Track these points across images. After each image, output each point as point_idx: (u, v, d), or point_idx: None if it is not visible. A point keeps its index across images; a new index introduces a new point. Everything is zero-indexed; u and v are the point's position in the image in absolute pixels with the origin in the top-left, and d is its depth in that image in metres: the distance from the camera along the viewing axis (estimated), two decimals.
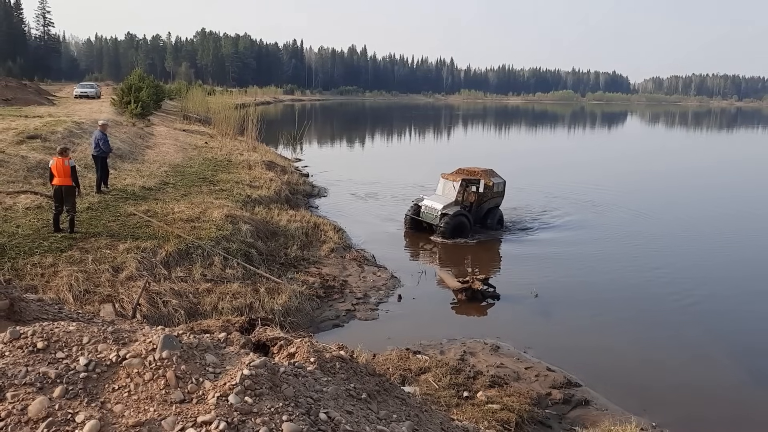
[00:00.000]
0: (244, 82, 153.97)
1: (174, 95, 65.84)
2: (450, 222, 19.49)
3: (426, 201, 20.41)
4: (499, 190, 21.16)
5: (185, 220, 15.00)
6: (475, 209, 20.56)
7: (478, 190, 20.46)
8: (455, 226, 19.59)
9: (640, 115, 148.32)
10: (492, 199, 20.94)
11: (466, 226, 19.91)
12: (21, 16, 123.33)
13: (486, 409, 8.43)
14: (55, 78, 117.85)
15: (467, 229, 19.96)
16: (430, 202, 20.23)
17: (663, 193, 30.72)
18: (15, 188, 15.23)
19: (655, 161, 45.67)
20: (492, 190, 20.76)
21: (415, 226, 20.31)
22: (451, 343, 11.41)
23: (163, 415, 2.92)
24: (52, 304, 5.31)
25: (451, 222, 19.50)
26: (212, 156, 27.89)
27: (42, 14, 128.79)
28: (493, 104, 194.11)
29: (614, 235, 21.04)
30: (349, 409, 3.59)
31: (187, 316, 10.91)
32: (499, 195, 21.20)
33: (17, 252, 11.47)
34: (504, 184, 21.30)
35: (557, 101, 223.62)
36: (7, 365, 3.11)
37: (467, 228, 19.97)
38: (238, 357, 3.51)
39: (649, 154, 50.85)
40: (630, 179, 34.60)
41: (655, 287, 15.63)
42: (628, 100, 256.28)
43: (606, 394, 9.92)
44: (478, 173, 20.89)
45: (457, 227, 19.66)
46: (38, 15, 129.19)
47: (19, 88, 47.33)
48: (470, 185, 20.55)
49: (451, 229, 19.47)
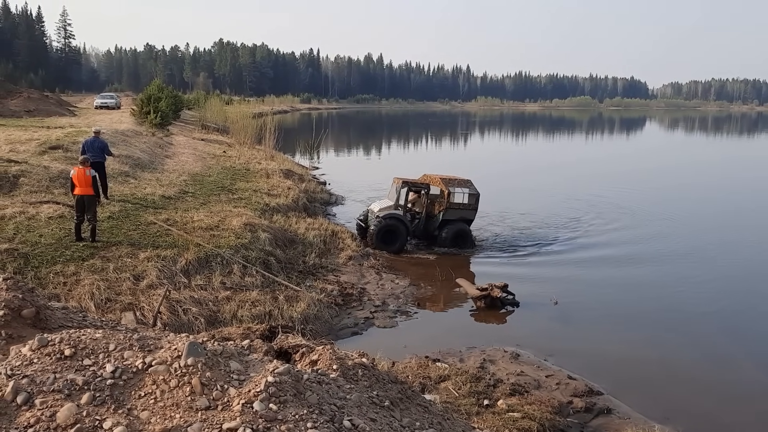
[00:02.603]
0: (262, 91, 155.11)
1: (192, 105, 66.40)
2: (378, 225, 17.81)
3: (372, 205, 19.25)
4: (464, 202, 18.82)
5: (204, 228, 15.11)
6: (424, 219, 18.85)
7: (426, 195, 18.82)
8: (385, 231, 17.89)
9: (659, 120, 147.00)
10: (450, 209, 18.67)
11: (399, 232, 18.09)
12: (43, 28, 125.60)
13: (507, 418, 8.37)
14: (76, 89, 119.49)
15: (401, 236, 18.14)
16: (374, 206, 18.95)
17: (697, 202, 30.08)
18: (38, 198, 15.44)
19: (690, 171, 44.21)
20: (449, 200, 18.61)
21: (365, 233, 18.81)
22: (471, 351, 11.35)
23: (189, 421, 2.94)
24: (76, 311, 5.37)
25: (378, 225, 17.81)
26: (230, 165, 28.09)
27: (63, 27, 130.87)
28: (509, 111, 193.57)
29: (640, 244, 20.66)
30: (372, 416, 3.59)
31: (207, 324, 10.97)
32: (462, 208, 18.84)
33: (40, 261, 11.62)
34: (476, 198, 18.98)
35: (574, 107, 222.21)
36: (35, 372, 3.15)
37: (401, 235, 18.14)
38: (262, 364, 3.53)
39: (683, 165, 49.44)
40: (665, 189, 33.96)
41: (681, 296, 15.37)
42: (647, 105, 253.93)
43: (628, 403, 9.79)
44: (436, 181, 19.07)
45: (388, 232, 17.97)
46: (59, 27, 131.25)
47: (41, 99, 48.01)
48: (416, 189, 18.95)
49: (378, 232, 17.81)
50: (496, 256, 18.61)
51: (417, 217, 19.08)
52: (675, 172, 41.72)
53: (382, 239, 17.98)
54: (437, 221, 18.79)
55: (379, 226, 17.97)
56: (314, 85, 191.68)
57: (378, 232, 17.96)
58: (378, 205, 18.87)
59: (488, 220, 22.91)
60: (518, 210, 25.08)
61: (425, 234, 19.11)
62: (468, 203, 18.96)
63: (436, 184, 19.05)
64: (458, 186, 18.96)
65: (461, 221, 18.86)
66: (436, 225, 18.80)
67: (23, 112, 40.64)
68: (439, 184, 18.96)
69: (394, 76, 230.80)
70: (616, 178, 36.46)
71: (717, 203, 30.21)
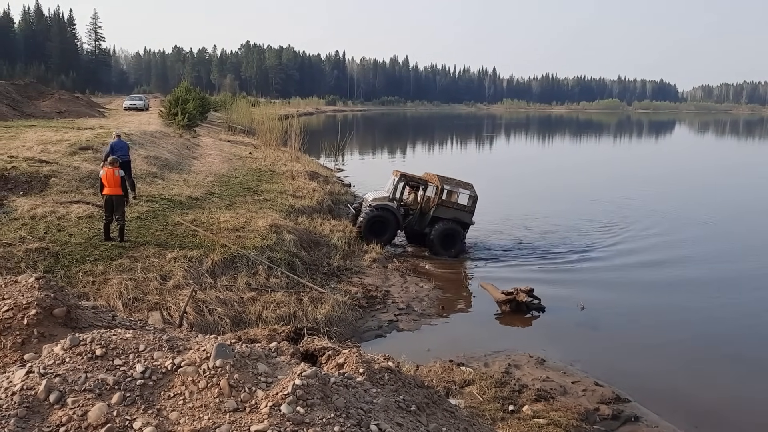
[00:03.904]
0: (287, 93, 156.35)
1: (219, 107, 67.13)
2: (368, 215, 17.51)
3: (367, 195, 19.14)
4: (458, 201, 18.25)
5: (230, 229, 15.23)
6: (418, 215, 18.43)
7: (424, 191, 18.51)
8: (374, 221, 17.58)
9: (689, 123, 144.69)
10: (442, 207, 18.08)
11: (389, 224, 17.80)
12: (74, 31, 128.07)
13: (532, 424, 8.29)
14: (106, 91, 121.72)
15: (390, 228, 17.84)
16: (369, 195, 18.85)
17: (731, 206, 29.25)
18: (68, 198, 15.70)
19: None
20: (441, 196, 18.07)
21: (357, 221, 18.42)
22: (496, 356, 11.26)
23: (218, 423, 2.96)
24: (106, 311, 5.44)
25: (369, 215, 17.51)
26: (256, 166, 28.30)
27: (94, 29, 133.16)
28: (536, 113, 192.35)
29: (671, 248, 20.27)
30: (399, 421, 3.58)
31: (232, 325, 11.05)
32: (456, 208, 18.25)
33: (70, 260, 11.83)
34: (473, 201, 18.35)
35: (602, 110, 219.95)
36: (67, 371, 3.19)
37: (390, 227, 17.84)
38: (289, 367, 3.54)
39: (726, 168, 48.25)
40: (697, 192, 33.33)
41: (715, 303, 15.00)
42: (676, 108, 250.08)
43: (656, 411, 9.62)
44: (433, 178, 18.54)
45: (377, 223, 17.66)
46: (90, 30, 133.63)
47: (71, 100, 48.95)
48: (412, 184, 18.71)
49: (367, 222, 17.49)
50: (521, 261, 18.46)
51: (411, 212, 18.75)
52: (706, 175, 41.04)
53: (371, 229, 17.66)
54: (428, 218, 18.26)
55: (369, 215, 17.67)
56: (339, 87, 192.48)
57: (367, 222, 17.66)
58: (373, 195, 18.76)
59: (513, 224, 22.81)
60: (543, 213, 24.90)
61: (417, 231, 18.59)
62: (463, 205, 18.34)
63: (433, 181, 18.56)
64: (455, 186, 18.45)
65: (454, 222, 18.15)
66: (426, 221, 18.26)
67: (54, 113, 41.46)
68: (435, 181, 18.46)
69: (420, 78, 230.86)
70: (645, 181, 35.97)
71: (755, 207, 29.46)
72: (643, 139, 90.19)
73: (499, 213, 24.50)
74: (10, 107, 38.42)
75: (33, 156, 18.39)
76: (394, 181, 18.66)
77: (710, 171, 44.56)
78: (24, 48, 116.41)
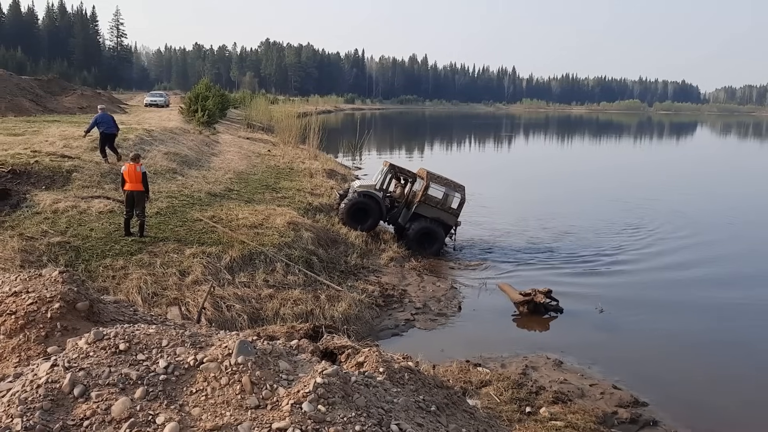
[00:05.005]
0: (306, 91, 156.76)
1: (238, 104, 67.47)
2: (351, 200, 17.36)
3: (355, 182, 19.09)
4: (442, 201, 17.83)
5: (249, 226, 15.30)
6: (403, 208, 18.10)
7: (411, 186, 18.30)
8: (357, 208, 17.42)
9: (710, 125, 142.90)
10: (425, 204, 17.64)
11: (371, 211, 17.59)
12: (96, 28, 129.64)
13: (550, 426, 8.24)
14: (127, 87, 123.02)
15: (373, 215, 17.65)
16: (355, 183, 18.75)
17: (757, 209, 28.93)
18: (89, 193, 15.87)
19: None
20: (425, 193, 17.63)
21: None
22: (513, 357, 11.21)
23: (240, 420, 2.97)
24: (127, 305, 5.49)
25: (351, 200, 17.36)
26: (275, 164, 28.41)
27: (116, 26, 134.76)
28: (555, 114, 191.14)
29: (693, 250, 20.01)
30: (419, 421, 3.57)
31: (249, 321, 11.11)
32: (440, 208, 17.82)
33: (90, 254, 11.96)
34: (459, 204, 17.95)
35: (623, 111, 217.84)
36: (91, 365, 3.23)
37: (373, 215, 17.65)
38: (310, 365, 3.54)
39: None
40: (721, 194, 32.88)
41: (738, 308, 14.76)
42: (698, 110, 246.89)
43: (675, 416, 9.51)
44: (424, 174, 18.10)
45: (360, 210, 17.49)
46: (112, 27, 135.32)
47: (93, 96, 49.45)
48: (398, 176, 18.59)
49: (349, 207, 17.36)
50: (538, 262, 18.34)
51: (397, 203, 18.56)
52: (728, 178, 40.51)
53: (353, 216, 17.52)
54: (410, 212, 17.91)
55: (352, 200, 17.51)
56: (358, 86, 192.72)
57: (349, 207, 17.51)
58: (359, 183, 18.69)
59: (531, 225, 22.68)
60: (561, 214, 24.72)
61: (399, 225, 18.33)
62: (447, 205, 17.94)
63: (423, 177, 18.17)
64: (444, 186, 18.01)
65: (436, 222, 17.76)
66: (408, 215, 17.92)
67: (76, 109, 41.96)
68: (424, 177, 18.02)
69: (439, 77, 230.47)
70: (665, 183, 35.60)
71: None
72: (663, 141, 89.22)
73: (517, 213, 24.42)
74: (34, 102, 38.93)
75: (55, 151, 18.60)
76: (383, 170, 18.61)
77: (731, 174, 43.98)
78: (47, 44, 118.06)
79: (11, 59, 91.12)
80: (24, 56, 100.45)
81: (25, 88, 40.85)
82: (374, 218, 17.89)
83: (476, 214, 22.65)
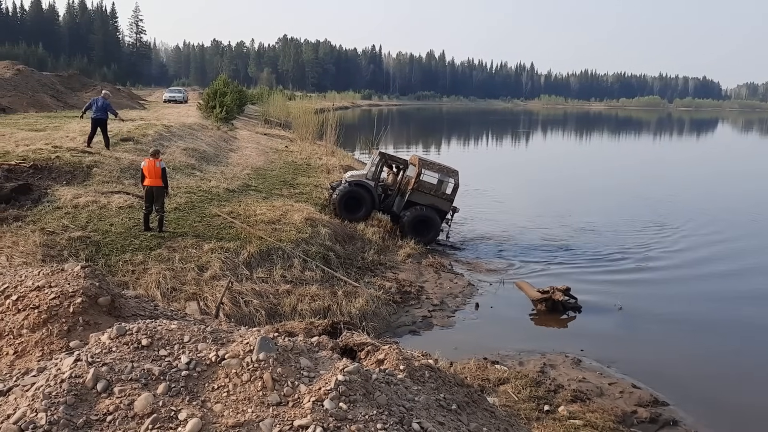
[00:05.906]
0: (323, 87, 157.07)
1: (256, 100, 67.67)
2: (342, 190, 17.25)
3: (346, 173, 18.97)
4: (436, 187, 17.71)
5: (266, 222, 15.35)
6: (396, 196, 17.94)
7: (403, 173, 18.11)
8: (349, 197, 17.32)
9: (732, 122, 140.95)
10: (418, 192, 17.55)
11: (364, 201, 17.49)
12: (116, 24, 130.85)
13: (568, 425, 8.18)
14: (146, 83, 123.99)
15: (365, 205, 17.53)
16: (347, 174, 18.62)
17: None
18: (109, 188, 16.00)
19: None
20: (418, 180, 17.51)
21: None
22: (531, 355, 11.14)
23: (261, 416, 2.97)
24: (147, 301, 5.53)
25: (343, 190, 17.25)
26: (292, 160, 28.48)
27: (135, 22, 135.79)
28: (573, 110, 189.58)
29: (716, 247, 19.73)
30: (440, 420, 3.55)
31: (267, 317, 11.15)
32: (434, 194, 17.66)
33: (110, 249, 12.07)
34: (453, 188, 17.82)
35: (642, 107, 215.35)
36: (114, 360, 3.24)
37: (366, 204, 17.52)
38: (331, 362, 3.54)
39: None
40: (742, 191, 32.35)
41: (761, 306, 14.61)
42: (719, 106, 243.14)
43: (696, 416, 9.40)
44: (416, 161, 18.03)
45: (352, 199, 17.39)
46: (131, 23, 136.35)
47: (113, 92, 49.78)
48: (389, 164, 18.47)
49: (341, 198, 17.24)
50: (557, 259, 18.21)
51: (390, 192, 18.44)
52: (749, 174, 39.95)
53: (345, 206, 17.40)
54: (404, 200, 17.83)
55: (344, 190, 17.41)
56: (375, 82, 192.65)
57: (341, 198, 17.41)
58: (350, 173, 18.59)
59: (549, 221, 22.52)
60: (580, 211, 24.54)
61: (395, 213, 18.17)
62: (442, 191, 17.80)
63: (415, 163, 18.04)
64: (437, 171, 17.91)
65: (430, 209, 17.61)
66: (402, 203, 17.84)
67: None
68: (416, 164, 17.92)
69: (456, 73, 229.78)
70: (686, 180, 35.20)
71: None
72: (684, 138, 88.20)
73: (534, 210, 24.26)
74: (54, 98, 39.35)
75: (76, 146, 18.77)
76: (374, 159, 18.53)
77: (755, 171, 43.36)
78: (68, 41, 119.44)
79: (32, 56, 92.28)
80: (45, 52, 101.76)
81: (46, 84, 41.28)
82: (367, 207, 17.77)
83: (493, 210, 22.55)
